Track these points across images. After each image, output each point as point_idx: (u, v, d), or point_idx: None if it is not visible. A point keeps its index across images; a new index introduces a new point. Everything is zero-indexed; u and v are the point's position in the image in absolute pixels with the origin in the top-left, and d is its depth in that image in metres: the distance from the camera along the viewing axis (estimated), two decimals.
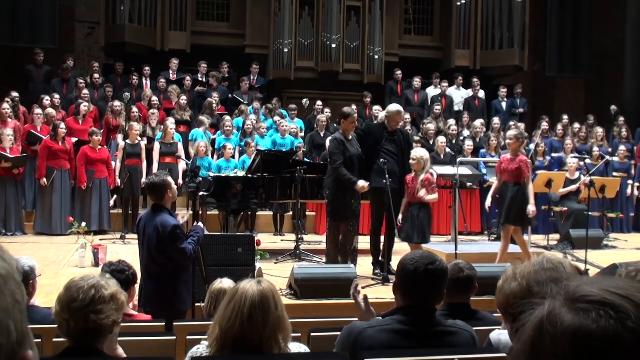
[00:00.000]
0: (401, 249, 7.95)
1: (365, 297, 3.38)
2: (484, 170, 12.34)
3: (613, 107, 14.89)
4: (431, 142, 12.44)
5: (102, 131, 11.70)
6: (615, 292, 0.90)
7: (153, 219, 5.19)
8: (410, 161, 7.81)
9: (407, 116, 13.77)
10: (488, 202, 8.40)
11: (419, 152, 7.95)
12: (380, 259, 8.16)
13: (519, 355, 0.95)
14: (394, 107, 8.36)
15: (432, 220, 8.36)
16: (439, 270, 2.91)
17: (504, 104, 15.43)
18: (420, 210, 7.77)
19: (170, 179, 5.37)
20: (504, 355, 2.55)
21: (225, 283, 4.18)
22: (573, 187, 11.21)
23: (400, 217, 7.88)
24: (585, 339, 0.87)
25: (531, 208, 8.02)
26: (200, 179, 6.85)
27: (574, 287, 0.94)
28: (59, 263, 8.28)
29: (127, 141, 11.19)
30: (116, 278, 3.84)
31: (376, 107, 13.22)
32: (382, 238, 8.23)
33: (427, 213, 7.87)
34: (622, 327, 0.86)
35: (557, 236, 11.17)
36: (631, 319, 0.86)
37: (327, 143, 10.28)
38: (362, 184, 7.60)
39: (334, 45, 15.58)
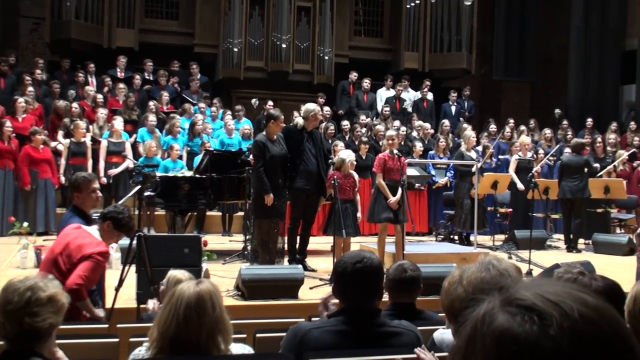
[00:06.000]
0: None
1: (333, 306, 3.39)
2: (433, 172, 12.48)
3: (557, 111, 15.24)
4: (380, 143, 12.51)
5: (43, 129, 11.40)
6: (547, 297, 0.90)
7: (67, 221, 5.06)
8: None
9: (363, 117, 13.87)
10: (394, 198, 8.31)
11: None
12: (297, 256, 8.40)
13: (456, 351, 0.95)
14: (312, 106, 8.52)
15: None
16: (367, 267, 2.93)
17: (453, 108, 15.63)
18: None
19: (83, 178, 5.17)
20: (447, 354, 2.57)
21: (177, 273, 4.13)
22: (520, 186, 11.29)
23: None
24: (508, 342, 0.88)
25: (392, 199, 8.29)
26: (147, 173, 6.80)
27: (512, 290, 0.95)
28: (0, 264, 8.07)
29: (72, 139, 10.97)
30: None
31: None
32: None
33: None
34: (543, 334, 0.87)
35: (503, 237, 11.35)
36: (553, 327, 0.87)
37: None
38: (269, 197, 7.82)
39: (284, 46, 15.57)
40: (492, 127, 13.94)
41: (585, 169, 10.80)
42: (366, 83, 15.17)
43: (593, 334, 0.88)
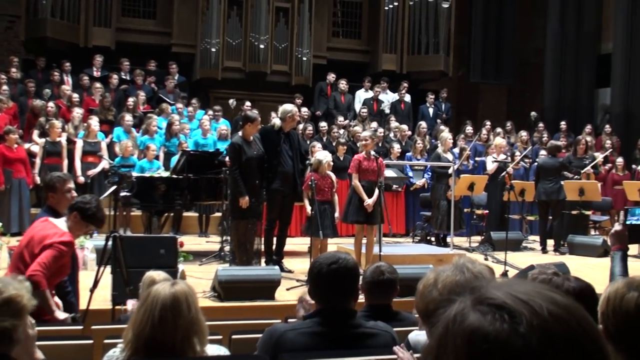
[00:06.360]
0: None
1: (308, 306, 3.40)
2: (410, 173, 12.52)
3: (533, 113, 15.37)
4: (358, 144, 12.52)
5: (17, 128, 11.27)
6: (517, 296, 0.91)
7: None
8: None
9: (341, 119, 13.90)
10: (370, 200, 8.19)
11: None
12: (274, 257, 8.41)
13: (428, 351, 0.96)
14: (289, 107, 8.52)
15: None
16: (342, 268, 2.94)
17: (430, 110, 15.71)
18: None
19: (58, 178, 5.12)
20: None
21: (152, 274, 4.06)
22: (493, 167, 11.26)
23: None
24: (479, 340, 0.88)
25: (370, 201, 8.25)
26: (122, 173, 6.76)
27: (483, 289, 0.95)
28: None
29: (47, 139, 10.86)
30: None
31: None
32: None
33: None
34: (513, 332, 0.87)
35: (479, 238, 11.42)
36: (523, 325, 0.88)
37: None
38: (244, 200, 7.81)
39: (262, 46, 15.54)
40: (469, 129, 14.02)
41: (561, 172, 10.91)
42: (342, 84, 15.18)
43: (563, 332, 0.89)
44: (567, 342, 0.88)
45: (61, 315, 4.52)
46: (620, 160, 13.43)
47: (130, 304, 4.94)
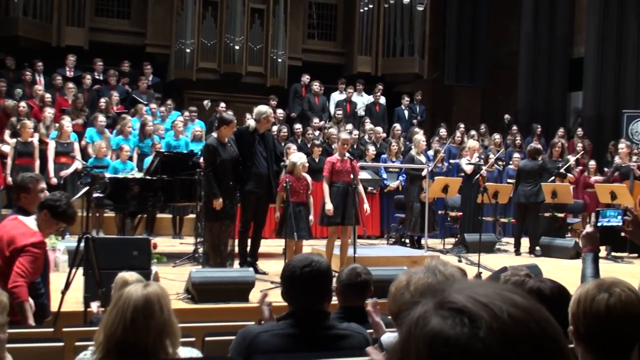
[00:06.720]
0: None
1: (269, 305, 3.39)
2: (385, 175, 12.56)
3: (507, 116, 15.47)
4: (333, 146, 12.53)
5: None
6: (478, 299, 0.92)
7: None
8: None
9: (316, 120, 13.89)
10: (330, 206, 8.15)
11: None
12: (248, 259, 8.38)
13: (393, 353, 0.96)
14: (264, 108, 8.51)
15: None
16: (314, 271, 2.94)
17: (405, 112, 15.77)
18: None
19: (30, 178, 5.05)
20: None
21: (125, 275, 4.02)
22: (470, 168, 11.26)
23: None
24: (440, 344, 0.89)
25: (367, 206, 8.38)
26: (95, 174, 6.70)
27: (446, 293, 0.96)
28: None
29: (19, 139, 10.73)
30: None
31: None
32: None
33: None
34: (473, 336, 0.88)
35: (453, 240, 11.48)
36: (483, 329, 0.88)
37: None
38: (218, 202, 7.80)
39: (237, 47, 15.50)
40: (443, 132, 14.09)
41: (541, 174, 11.02)
42: (316, 86, 15.17)
43: (522, 334, 0.89)
44: (526, 344, 0.88)
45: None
46: (592, 163, 13.58)
47: (95, 306, 4.91)
